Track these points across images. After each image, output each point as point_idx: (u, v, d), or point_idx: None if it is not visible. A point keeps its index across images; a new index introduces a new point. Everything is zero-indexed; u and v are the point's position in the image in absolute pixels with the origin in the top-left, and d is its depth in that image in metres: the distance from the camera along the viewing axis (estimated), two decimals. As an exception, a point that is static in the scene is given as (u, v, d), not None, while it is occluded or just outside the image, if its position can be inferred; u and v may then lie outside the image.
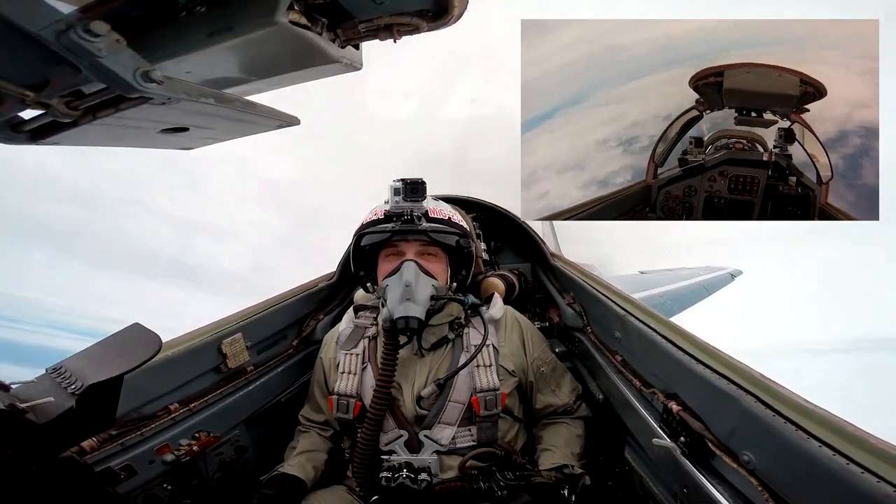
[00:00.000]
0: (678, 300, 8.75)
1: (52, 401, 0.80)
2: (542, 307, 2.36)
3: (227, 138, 1.01)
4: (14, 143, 0.77)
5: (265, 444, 1.75)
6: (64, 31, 0.55)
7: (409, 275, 1.43)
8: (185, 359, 1.47)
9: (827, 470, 0.75)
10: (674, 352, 1.21)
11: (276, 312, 1.88)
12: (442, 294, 1.51)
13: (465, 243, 1.58)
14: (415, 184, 1.48)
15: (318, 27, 0.80)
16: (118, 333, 0.95)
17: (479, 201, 2.44)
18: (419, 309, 1.38)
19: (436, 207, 1.58)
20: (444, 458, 1.46)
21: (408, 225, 1.48)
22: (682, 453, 1.10)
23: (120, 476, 1.21)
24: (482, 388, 1.47)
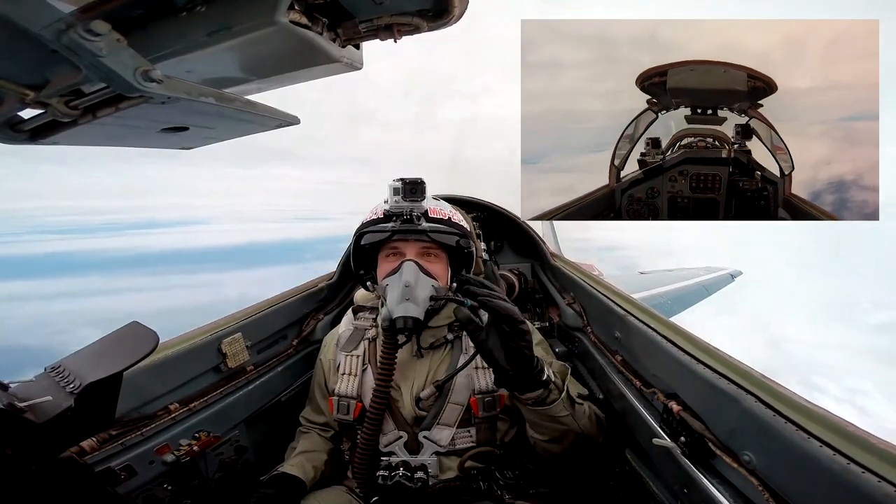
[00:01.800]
0: (678, 300, 8.76)
1: (51, 400, 0.80)
2: (542, 307, 2.36)
3: (227, 137, 1.01)
4: (14, 142, 0.77)
5: (265, 444, 1.75)
6: (64, 31, 0.55)
7: (409, 275, 1.42)
8: (184, 359, 1.46)
9: (827, 470, 0.75)
10: (674, 352, 1.21)
11: (275, 312, 1.88)
12: (442, 294, 1.51)
13: (465, 243, 1.57)
14: (414, 183, 1.47)
15: (319, 27, 0.80)
16: (116, 332, 0.95)
17: (479, 201, 2.45)
18: (418, 309, 1.37)
19: (436, 207, 1.57)
20: (444, 458, 1.46)
21: (407, 225, 1.48)
22: (682, 453, 1.10)
23: (120, 476, 1.21)
24: (481, 390, 1.47)
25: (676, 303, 8.64)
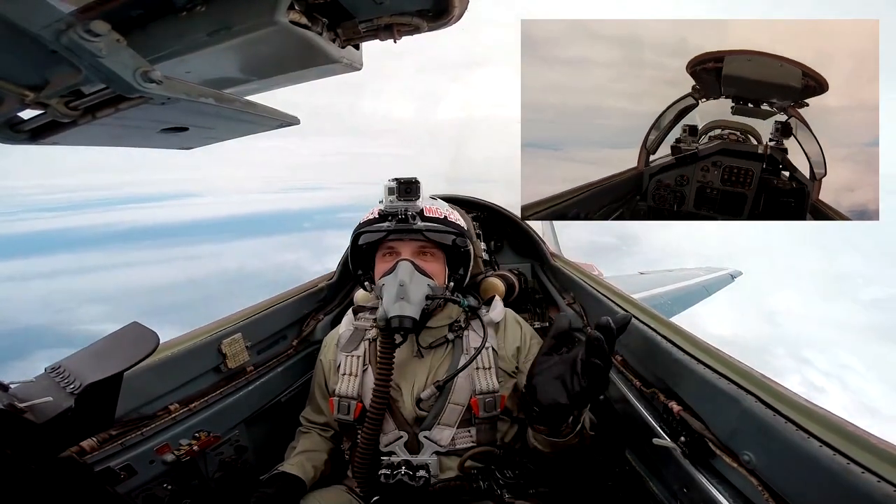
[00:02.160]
0: (678, 300, 8.76)
1: (51, 400, 0.80)
2: (542, 307, 2.36)
3: (227, 138, 1.01)
4: (13, 142, 0.77)
5: (265, 444, 1.75)
6: (64, 31, 0.55)
7: (404, 274, 1.42)
8: (185, 359, 1.47)
9: (827, 470, 0.75)
10: (674, 352, 1.21)
11: (275, 312, 1.88)
12: (438, 294, 1.51)
13: (462, 242, 1.57)
14: (408, 183, 1.48)
15: (319, 27, 0.80)
16: (116, 332, 0.95)
17: (479, 201, 2.45)
18: (413, 309, 1.38)
19: (432, 206, 1.57)
20: (444, 458, 1.46)
21: (402, 224, 1.48)
22: (682, 453, 1.10)
23: (120, 476, 1.21)
24: (482, 391, 1.47)
25: (676, 303, 8.64)
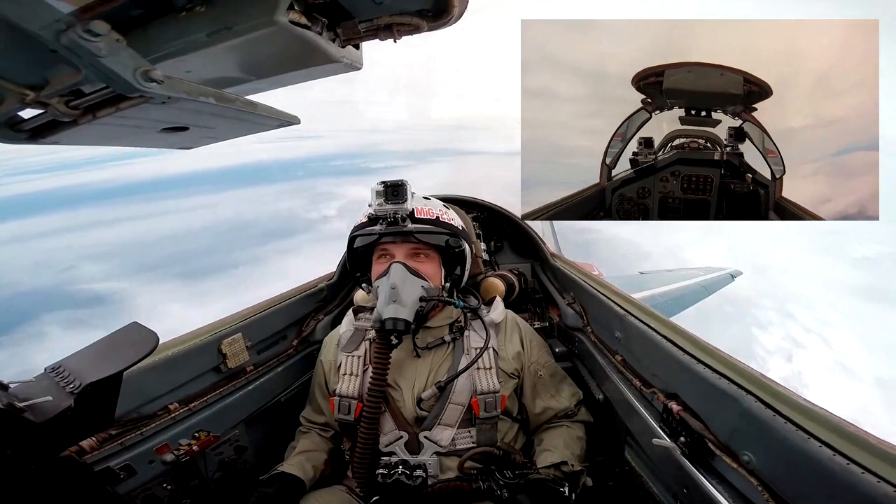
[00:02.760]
0: (678, 300, 8.76)
1: (51, 400, 0.80)
2: (542, 307, 2.36)
3: (227, 137, 1.01)
4: (14, 142, 0.77)
5: (265, 444, 1.75)
6: (64, 31, 0.55)
7: (396, 277, 1.43)
8: (184, 358, 1.47)
9: (827, 470, 0.75)
10: (674, 352, 1.21)
11: (275, 312, 1.88)
12: (433, 295, 1.50)
13: (455, 243, 1.56)
14: (395, 185, 1.48)
15: (318, 27, 0.80)
16: (116, 332, 0.95)
17: (478, 201, 2.44)
18: (406, 310, 1.39)
19: (423, 207, 1.56)
20: (444, 459, 1.46)
21: (393, 227, 1.49)
22: (682, 453, 1.10)
23: (119, 476, 1.21)
24: (482, 391, 1.47)
25: (676, 303, 8.64)
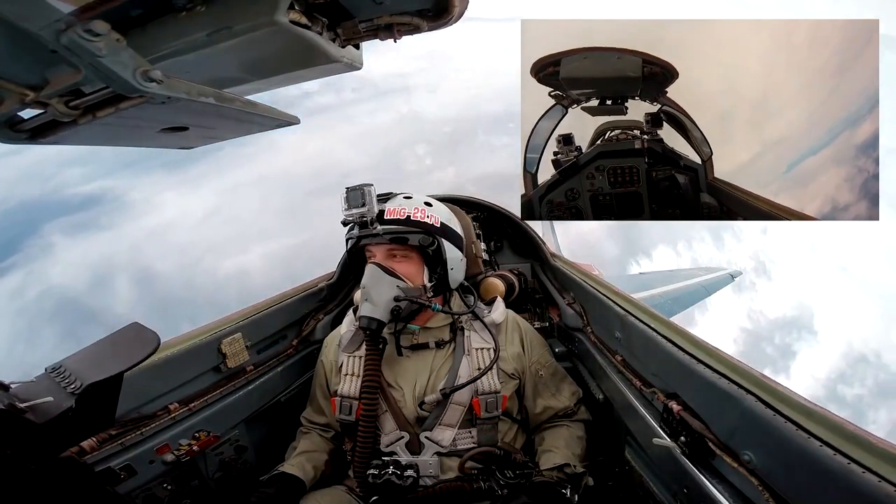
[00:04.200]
0: (678, 300, 8.76)
1: (52, 400, 0.80)
2: (542, 307, 2.36)
3: (227, 137, 1.01)
4: (14, 142, 0.77)
5: (265, 444, 1.75)
6: (64, 31, 0.55)
7: (368, 278, 1.47)
8: (184, 358, 1.46)
9: (828, 470, 0.75)
10: (674, 351, 1.21)
11: (275, 312, 1.88)
12: (412, 296, 1.48)
13: (426, 241, 1.51)
14: (357, 189, 1.48)
15: (318, 27, 0.80)
16: (117, 332, 0.94)
17: (478, 201, 2.44)
18: (378, 310, 1.42)
19: (395, 207, 1.52)
20: (445, 459, 1.46)
21: (364, 230, 1.49)
22: (682, 453, 1.10)
23: (120, 476, 1.21)
24: (483, 391, 1.47)
25: (676, 303, 8.65)
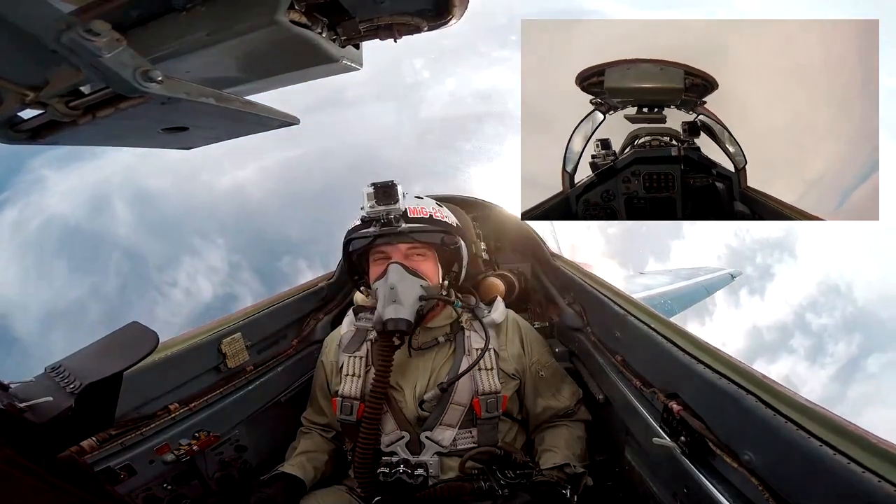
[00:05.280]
0: (678, 300, 8.75)
1: (51, 400, 0.80)
2: (542, 307, 2.36)
3: (227, 137, 1.01)
4: (13, 142, 0.77)
5: (265, 443, 1.75)
6: (64, 31, 0.55)
7: (394, 277, 1.43)
8: (184, 358, 1.46)
9: (828, 469, 0.75)
10: (674, 351, 1.21)
11: (275, 312, 1.88)
12: (432, 294, 1.50)
13: (450, 240, 1.55)
14: (386, 186, 1.47)
15: (319, 27, 0.80)
16: (116, 332, 0.95)
17: (478, 201, 2.44)
18: (406, 310, 1.40)
19: (416, 206, 1.55)
20: (445, 459, 1.46)
21: (387, 228, 1.48)
22: (682, 453, 1.10)
23: (120, 476, 1.21)
24: (484, 391, 1.47)
25: (676, 303, 8.63)
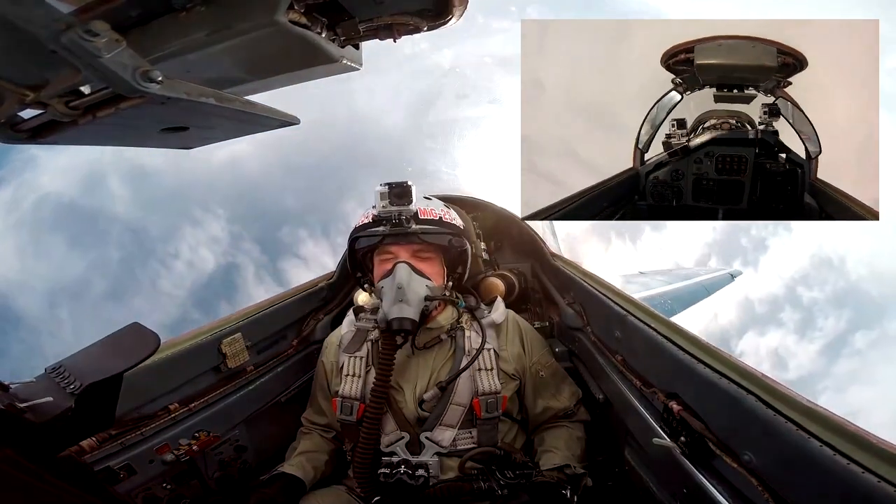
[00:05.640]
0: (678, 300, 8.74)
1: (51, 400, 0.80)
2: (542, 307, 2.36)
3: (227, 137, 1.01)
4: (14, 142, 0.77)
5: (265, 444, 1.75)
6: (64, 31, 0.55)
7: (402, 277, 1.44)
8: (184, 358, 1.46)
9: (828, 470, 0.75)
10: (674, 351, 1.21)
11: (275, 312, 1.88)
12: (437, 294, 1.51)
13: (458, 242, 1.57)
14: (400, 187, 1.48)
15: (318, 27, 0.80)
16: (117, 333, 0.95)
17: (478, 201, 2.44)
18: (412, 310, 1.40)
19: (426, 208, 1.57)
20: (445, 459, 1.46)
21: (398, 228, 1.49)
22: (682, 453, 1.10)
23: (119, 475, 1.21)
24: (483, 392, 1.47)
25: (676, 303, 8.61)
